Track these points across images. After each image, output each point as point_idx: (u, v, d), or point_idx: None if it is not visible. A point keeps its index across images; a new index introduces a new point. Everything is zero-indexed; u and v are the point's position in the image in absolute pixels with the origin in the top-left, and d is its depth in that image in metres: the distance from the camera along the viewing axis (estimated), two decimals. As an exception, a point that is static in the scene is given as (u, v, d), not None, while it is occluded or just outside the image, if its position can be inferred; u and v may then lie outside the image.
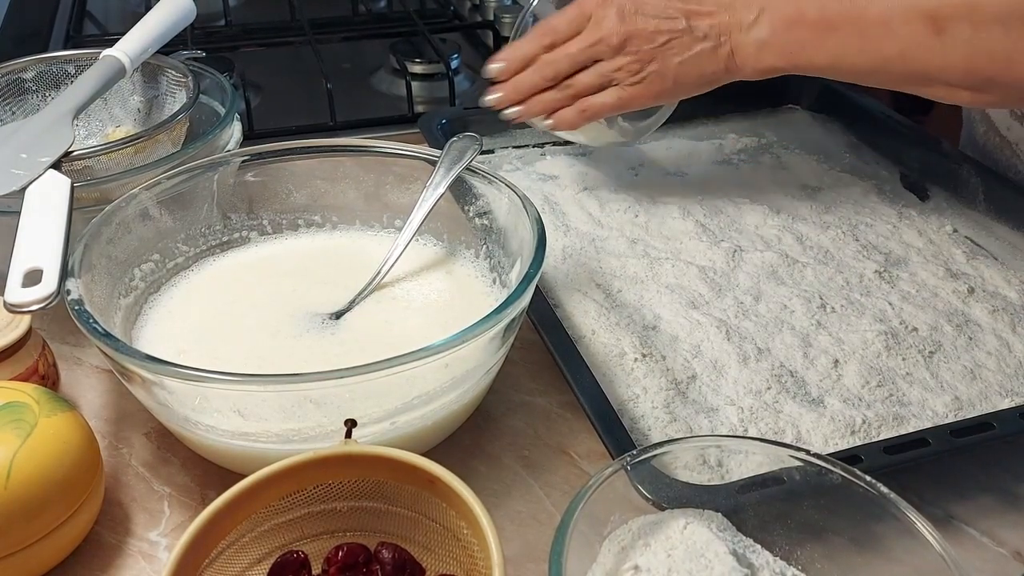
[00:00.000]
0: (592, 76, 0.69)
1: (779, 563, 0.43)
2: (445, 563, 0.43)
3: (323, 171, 0.66)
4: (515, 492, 0.53)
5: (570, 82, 0.69)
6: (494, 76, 0.72)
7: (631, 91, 0.68)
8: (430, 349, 0.45)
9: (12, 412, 0.46)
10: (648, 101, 0.70)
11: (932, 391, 0.58)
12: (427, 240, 0.66)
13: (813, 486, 0.43)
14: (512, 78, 0.71)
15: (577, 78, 0.69)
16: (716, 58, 0.66)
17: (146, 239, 0.60)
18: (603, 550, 0.43)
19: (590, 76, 0.69)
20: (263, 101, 1.02)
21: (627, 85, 0.68)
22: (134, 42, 0.73)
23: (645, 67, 0.67)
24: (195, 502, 0.52)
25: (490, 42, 1.14)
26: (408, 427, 0.49)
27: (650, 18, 0.67)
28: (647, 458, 0.44)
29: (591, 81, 0.69)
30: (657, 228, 0.74)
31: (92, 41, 1.12)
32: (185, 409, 0.48)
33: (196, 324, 0.59)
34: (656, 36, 0.66)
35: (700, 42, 0.66)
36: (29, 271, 0.50)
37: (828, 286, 0.67)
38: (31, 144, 0.61)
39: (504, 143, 0.86)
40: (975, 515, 0.52)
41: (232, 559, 0.41)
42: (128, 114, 0.79)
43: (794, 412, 0.55)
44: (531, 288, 0.51)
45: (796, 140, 0.90)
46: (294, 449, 0.44)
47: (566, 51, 0.69)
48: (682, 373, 0.58)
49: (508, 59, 0.71)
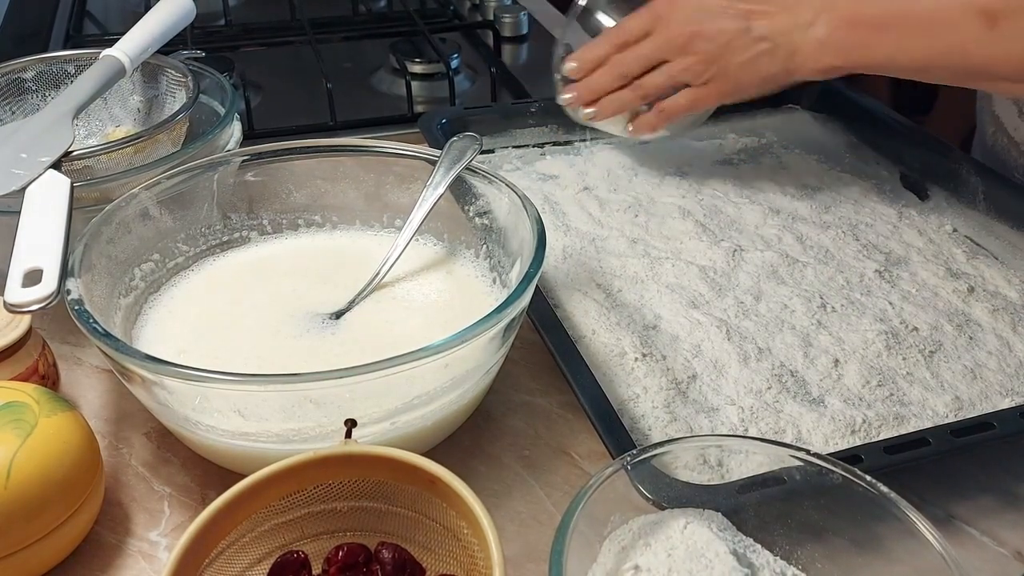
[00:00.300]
0: (661, 76, 0.72)
1: (779, 563, 0.43)
2: (445, 563, 0.43)
3: (323, 171, 0.66)
4: (515, 492, 0.53)
5: (640, 82, 0.72)
6: (569, 75, 0.75)
7: (700, 92, 0.71)
8: (430, 349, 0.45)
9: (12, 412, 0.46)
10: (716, 101, 0.73)
11: (933, 391, 0.58)
12: (427, 240, 0.66)
13: (814, 486, 0.43)
14: (585, 78, 0.74)
15: (647, 78, 0.72)
16: (775, 59, 0.68)
17: (146, 239, 0.60)
18: (603, 550, 0.43)
19: (659, 76, 0.72)
20: (263, 101, 1.02)
21: (697, 86, 0.71)
22: (134, 42, 0.73)
23: (709, 68, 0.70)
24: (195, 502, 0.52)
25: (490, 42, 1.14)
26: (408, 427, 0.49)
27: (712, 19, 0.69)
28: (647, 458, 0.44)
29: (660, 81, 0.72)
30: (657, 228, 0.74)
31: (92, 41, 1.12)
32: (185, 409, 0.48)
33: (196, 324, 0.58)
34: (718, 37, 0.69)
35: (759, 43, 0.68)
36: (29, 271, 0.50)
37: (828, 286, 0.67)
38: (31, 144, 0.61)
39: (504, 143, 0.86)
40: (976, 515, 0.52)
41: (232, 559, 0.41)
42: (128, 114, 0.79)
43: (794, 412, 0.55)
44: (531, 288, 0.51)
45: (796, 140, 0.90)
46: (294, 449, 0.44)
47: (636, 52, 0.72)
48: (682, 373, 0.58)
49: (581, 59, 0.75)
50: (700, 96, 0.72)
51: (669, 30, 0.70)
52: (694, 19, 0.70)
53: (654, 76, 0.72)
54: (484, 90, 1.05)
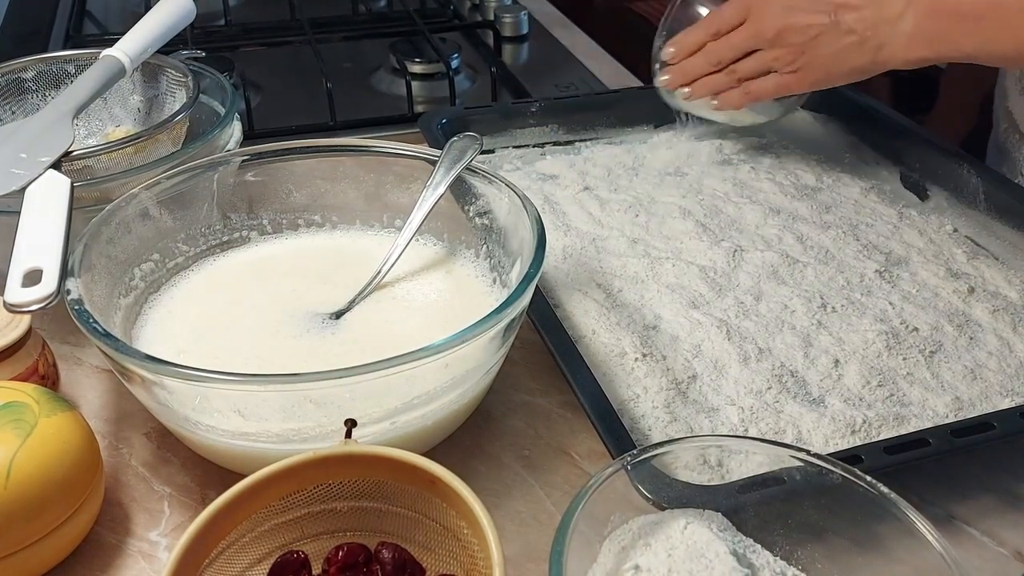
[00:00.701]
0: (754, 63, 0.76)
1: (779, 563, 0.43)
2: (445, 563, 0.43)
3: (323, 171, 0.66)
4: (515, 492, 0.53)
5: (734, 67, 0.77)
6: (667, 60, 0.81)
7: (788, 79, 0.75)
8: (430, 349, 0.45)
9: (12, 412, 0.46)
10: (803, 88, 0.76)
11: (933, 391, 0.58)
12: (427, 240, 0.66)
13: (814, 486, 0.43)
14: (681, 62, 0.80)
15: (740, 64, 0.77)
16: (863, 51, 0.70)
17: (146, 239, 0.60)
18: (603, 550, 0.43)
19: (752, 63, 0.76)
20: (263, 101, 1.02)
21: (785, 73, 0.75)
22: (134, 42, 0.73)
23: (798, 58, 0.73)
24: (195, 502, 0.52)
25: (490, 42, 1.14)
26: (408, 427, 0.49)
27: (802, 13, 0.72)
28: (647, 458, 0.44)
29: (752, 68, 0.76)
30: (657, 228, 0.74)
31: (92, 41, 1.12)
32: (185, 409, 0.48)
33: (196, 324, 0.58)
34: (807, 30, 0.72)
35: (846, 36, 0.70)
36: (29, 271, 0.50)
37: (829, 286, 0.67)
38: (31, 144, 0.61)
39: (504, 143, 0.86)
40: (976, 515, 0.52)
41: (232, 559, 0.41)
42: (128, 114, 0.79)
43: (795, 412, 0.55)
44: (531, 288, 0.51)
45: (796, 140, 0.90)
46: (294, 449, 0.44)
47: (730, 41, 0.76)
48: (682, 373, 0.58)
49: (679, 45, 0.80)
50: (788, 82, 0.75)
51: (761, 22, 0.74)
52: (784, 12, 0.72)
53: (747, 63, 0.76)
54: (484, 90, 1.05)
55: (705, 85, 0.79)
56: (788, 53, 0.73)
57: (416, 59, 1.05)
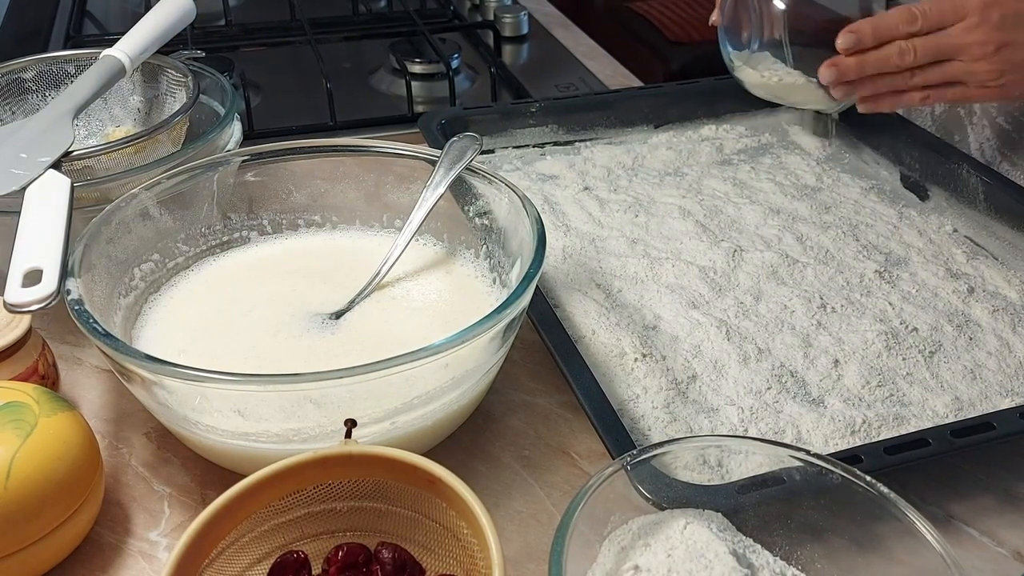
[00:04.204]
0: (943, 74, 0.68)
1: (779, 563, 0.43)
2: (445, 563, 0.43)
3: (323, 171, 0.66)
4: (515, 492, 0.53)
5: (924, 72, 0.68)
6: (842, 49, 0.69)
7: (977, 92, 0.68)
8: (430, 349, 0.45)
9: (12, 412, 0.46)
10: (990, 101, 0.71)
11: (932, 391, 0.58)
12: (427, 240, 0.66)
13: (813, 486, 0.43)
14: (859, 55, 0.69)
15: (927, 71, 0.68)
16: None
17: (146, 239, 0.60)
18: (603, 550, 0.43)
19: (940, 74, 0.68)
20: (263, 101, 1.02)
21: (974, 87, 0.68)
22: (134, 42, 0.73)
23: (1004, 75, 0.66)
24: (195, 502, 0.52)
25: (490, 42, 1.14)
26: (408, 427, 0.49)
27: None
28: (647, 458, 0.44)
29: (939, 79, 0.68)
30: (657, 228, 0.74)
31: (92, 41, 1.12)
32: (185, 409, 0.48)
33: (196, 324, 0.58)
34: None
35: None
36: (29, 271, 0.50)
37: (828, 286, 0.67)
38: (31, 144, 0.61)
39: (504, 143, 0.86)
40: (975, 515, 0.52)
41: (232, 559, 0.41)
42: (128, 114, 0.79)
43: (794, 412, 0.55)
44: (531, 288, 0.51)
45: (796, 140, 0.90)
46: (294, 449, 0.44)
47: (936, 43, 0.67)
48: (682, 373, 0.58)
49: (863, 33, 0.69)
50: (976, 95, 0.69)
51: (980, 32, 0.65)
52: (1011, 27, 0.65)
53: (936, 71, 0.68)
54: (484, 90, 1.05)
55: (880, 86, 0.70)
56: (995, 70, 0.66)
57: (416, 59, 1.05)
